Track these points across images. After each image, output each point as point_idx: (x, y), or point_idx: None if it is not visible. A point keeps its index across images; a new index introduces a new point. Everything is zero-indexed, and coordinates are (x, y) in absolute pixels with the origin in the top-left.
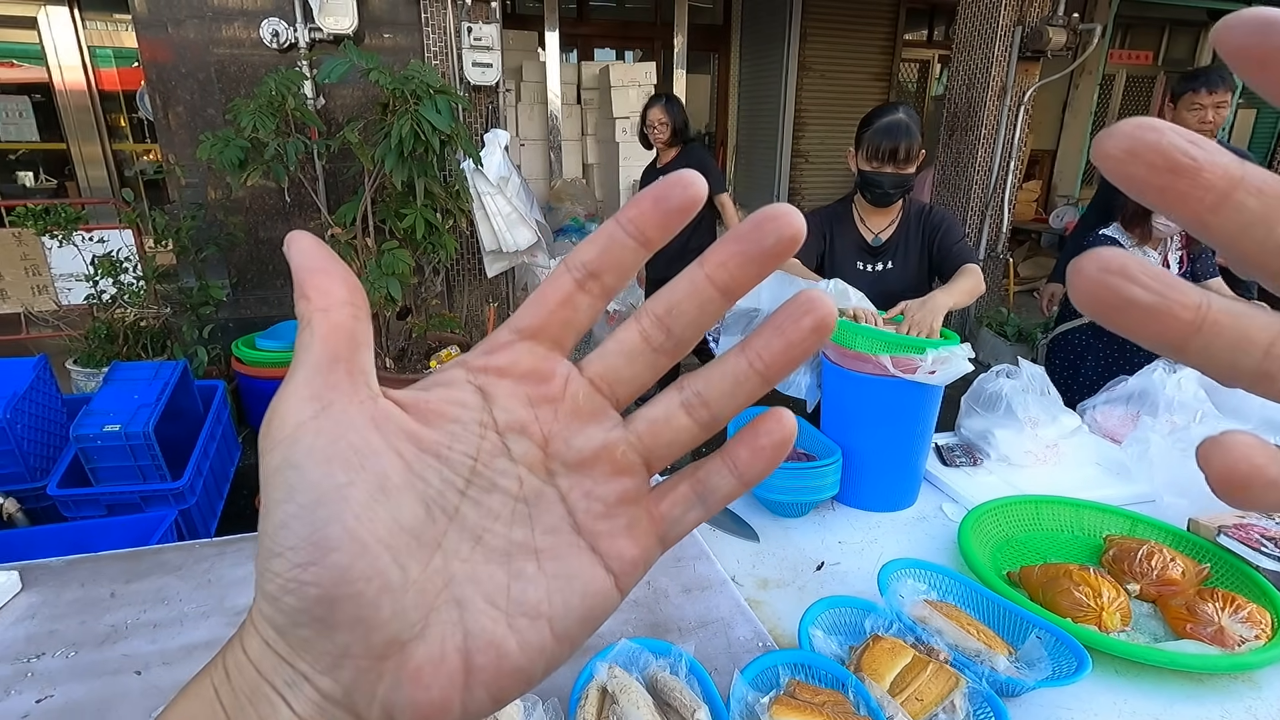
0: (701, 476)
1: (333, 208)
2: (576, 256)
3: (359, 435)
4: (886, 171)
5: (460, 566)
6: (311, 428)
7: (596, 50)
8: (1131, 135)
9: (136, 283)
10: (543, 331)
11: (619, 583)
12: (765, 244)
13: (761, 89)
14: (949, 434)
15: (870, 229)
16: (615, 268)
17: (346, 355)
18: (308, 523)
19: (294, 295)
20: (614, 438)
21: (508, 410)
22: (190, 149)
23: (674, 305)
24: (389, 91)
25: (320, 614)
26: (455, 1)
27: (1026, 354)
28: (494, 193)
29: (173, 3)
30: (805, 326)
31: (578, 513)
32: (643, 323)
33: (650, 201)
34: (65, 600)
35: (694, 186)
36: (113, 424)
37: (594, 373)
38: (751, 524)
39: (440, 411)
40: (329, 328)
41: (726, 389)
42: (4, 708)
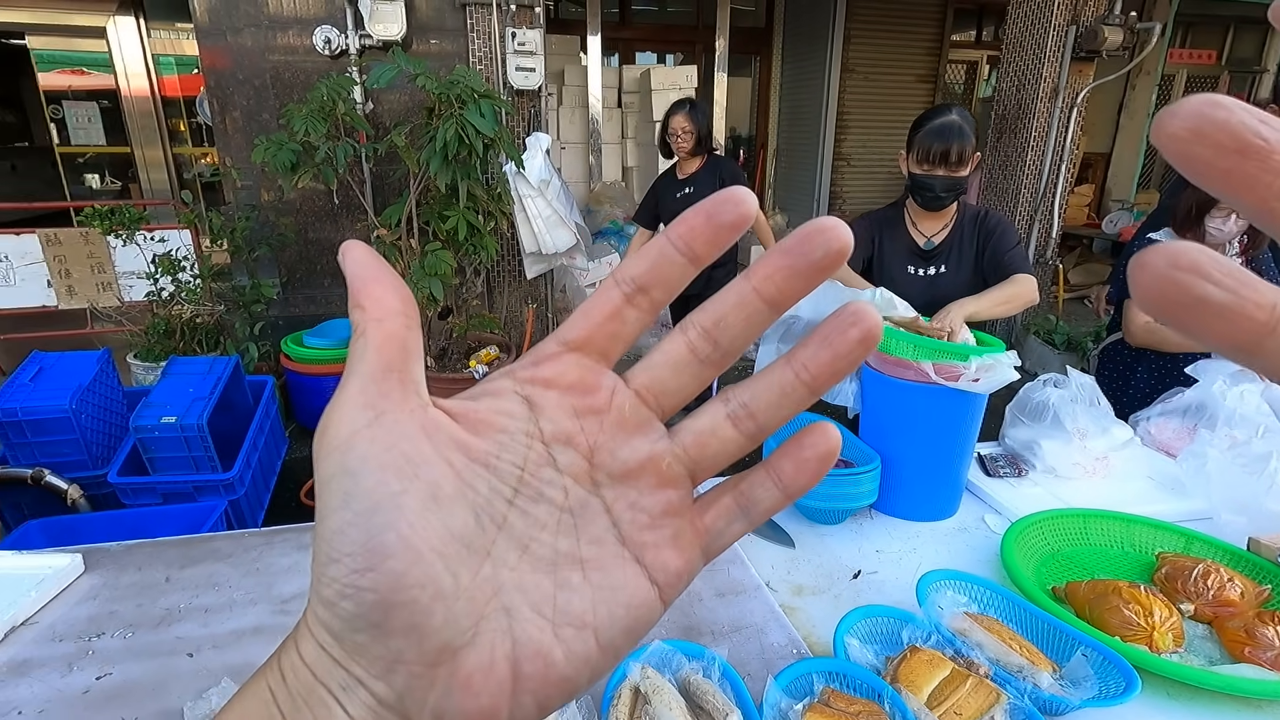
0: (745, 489)
1: (379, 209)
2: (626, 271)
3: (411, 444)
4: (938, 174)
5: (509, 575)
6: (366, 436)
7: (638, 54)
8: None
9: (193, 281)
10: (589, 344)
11: (662, 594)
12: (813, 257)
13: (803, 92)
14: (992, 444)
15: (922, 232)
16: (664, 283)
17: (399, 365)
18: (364, 529)
19: (349, 303)
20: (659, 450)
21: (554, 421)
22: (246, 152)
23: (721, 318)
24: (435, 96)
25: (376, 619)
26: (500, 7)
27: (1076, 363)
28: (535, 195)
29: (232, 12)
30: (852, 338)
31: (622, 524)
32: (689, 335)
33: (702, 218)
34: (124, 583)
35: (745, 204)
36: (169, 416)
37: (640, 384)
38: (787, 530)
39: (489, 421)
40: (383, 337)
41: (773, 400)
42: (67, 683)
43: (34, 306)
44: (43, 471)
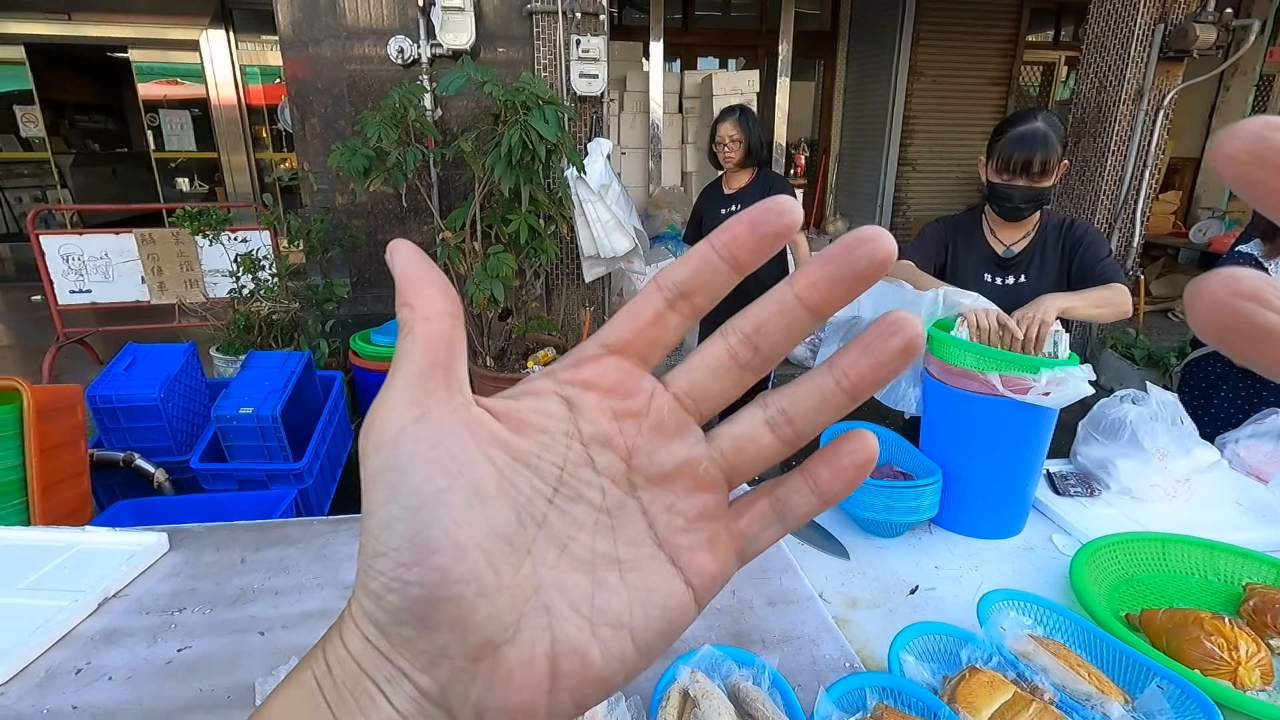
0: (781, 494)
1: (444, 213)
2: (669, 276)
3: (456, 442)
4: (1018, 185)
5: (548, 573)
6: (413, 433)
7: (700, 59)
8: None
9: (271, 279)
10: (630, 347)
11: (697, 597)
12: (857, 267)
13: (868, 95)
14: (1063, 461)
15: (1001, 240)
16: (706, 289)
17: (445, 363)
18: (411, 524)
19: (396, 301)
20: (697, 454)
21: (593, 423)
22: (322, 157)
23: (762, 324)
24: (501, 103)
25: (422, 613)
26: (566, 15)
27: (1156, 379)
28: (595, 200)
29: (314, 24)
30: (894, 347)
31: (658, 526)
32: (730, 340)
33: (746, 226)
34: (204, 562)
35: (790, 214)
36: (246, 407)
37: (679, 388)
38: (842, 541)
39: (530, 421)
40: (430, 336)
41: (812, 406)
42: (152, 653)
43: (129, 301)
44: (133, 455)
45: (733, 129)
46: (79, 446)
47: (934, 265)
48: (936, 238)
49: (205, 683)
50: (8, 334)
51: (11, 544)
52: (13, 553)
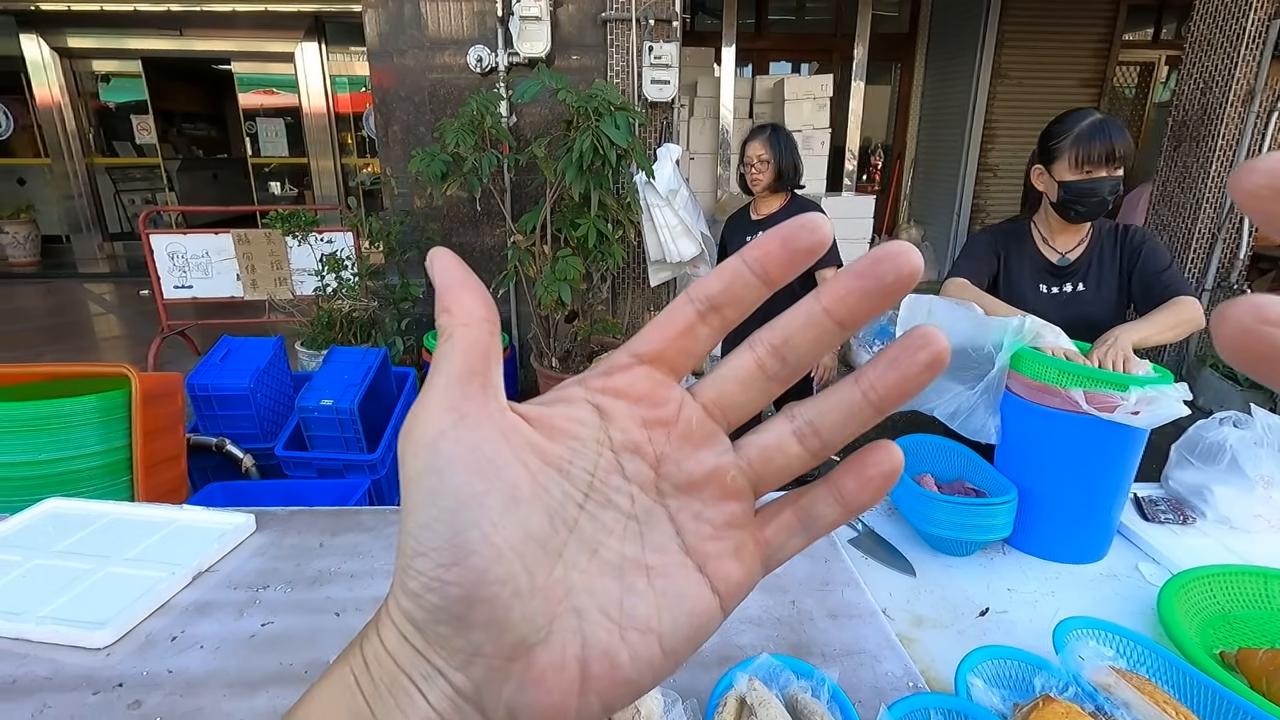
0: (805, 504)
1: (516, 216)
2: (700, 289)
3: (493, 446)
4: (1101, 177)
5: (579, 577)
6: (452, 436)
7: (772, 64)
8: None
9: (353, 279)
10: (661, 357)
11: (723, 603)
12: (885, 280)
13: (947, 99)
14: (1152, 485)
15: (1055, 248)
16: (736, 302)
17: (482, 369)
18: (450, 525)
19: (436, 307)
20: (724, 463)
21: (623, 430)
22: (403, 163)
23: (790, 335)
24: (574, 109)
25: (459, 612)
26: (639, 23)
27: (1262, 402)
28: (663, 205)
29: (399, 35)
30: (920, 361)
31: (686, 533)
32: (758, 351)
33: (778, 242)
34: (286, 544)
35: (821, 231)
36: (327, 399)
37: (708, 398)
38: (908, 557)
39: (562, 428)
40: (469, 342)
41: (840, 419)
42: (238, 626)
43: (225, 296)
44: (224, 440)
45: (761, 149)
46: (178, 430)
47: (987, 278)
48: (987, 248)
49: (285, 657)
50: (119, 324)
51: (119, 518)
52: (120, 526)
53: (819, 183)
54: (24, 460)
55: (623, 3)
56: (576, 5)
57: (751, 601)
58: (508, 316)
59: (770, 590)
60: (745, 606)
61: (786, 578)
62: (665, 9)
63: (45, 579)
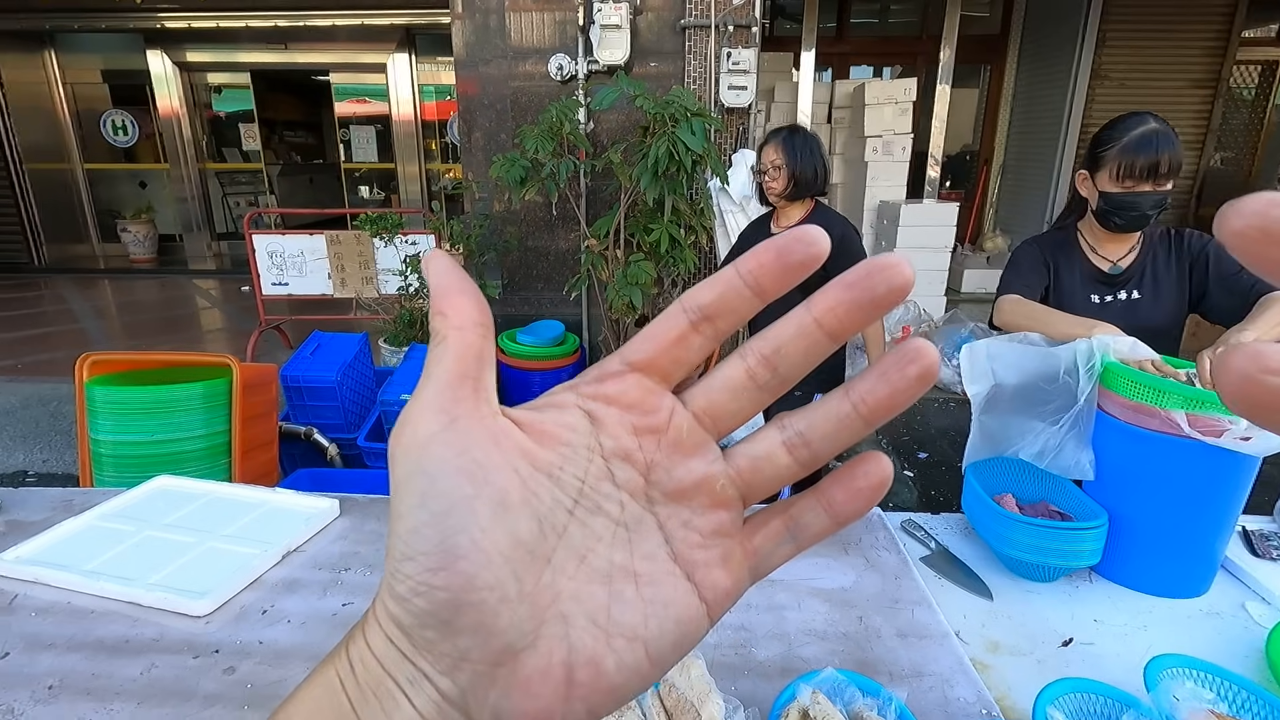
0: (794, 514)
1: (590, 221)
2: (694, 298)
3: (483, 450)
4: (1144, 191)
5: (567, 583)
6: (442, 439)
7: (853, 68)
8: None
9: None
10: (652, 365)
11: (710, 611)
12: (876, 292)
13: (1040, 102)
14: (1264, 518)
15: (1105, 256)
16: (729, 313)
17: (474, 373)
18: (439, 529)
19: (430, 310)
20: (714, 471)
21: (614, 437)
22: (484, 168)
23: (781, 346)
24: (651, 115)
25: (446, 617)
26: (718, 29)
27: None
28: (736, 211)
29: (484, 45)
30: (910, 375)
31: (674, 541)
32: (749, 360)
33: (773, 254)
34: (366, 530)
35: (818, 245)
36: (406, 394)
37: (698, 407)
38: (984, 579)
39: (553, 434)
40: (463, 346)
41: (830, 430)
42: (322, 604)
43: (316, 294)
44: (312, 429)
45: (774, 153)
46: (272, 418)
47: (1040, 291)
48: (1037, 259)
49: None
50: (222, 318)
51: (219, 497)
52: (219, 504)
53: (899, 189)
54: (138, 440)
55: (702, 10)
56: (656, 13)
57: (817, 614)
58: (579, 319)
59: (836, 604)
60: (810, 619)
61: (854, 592)
62: (745, 15)
63: (154, 549)
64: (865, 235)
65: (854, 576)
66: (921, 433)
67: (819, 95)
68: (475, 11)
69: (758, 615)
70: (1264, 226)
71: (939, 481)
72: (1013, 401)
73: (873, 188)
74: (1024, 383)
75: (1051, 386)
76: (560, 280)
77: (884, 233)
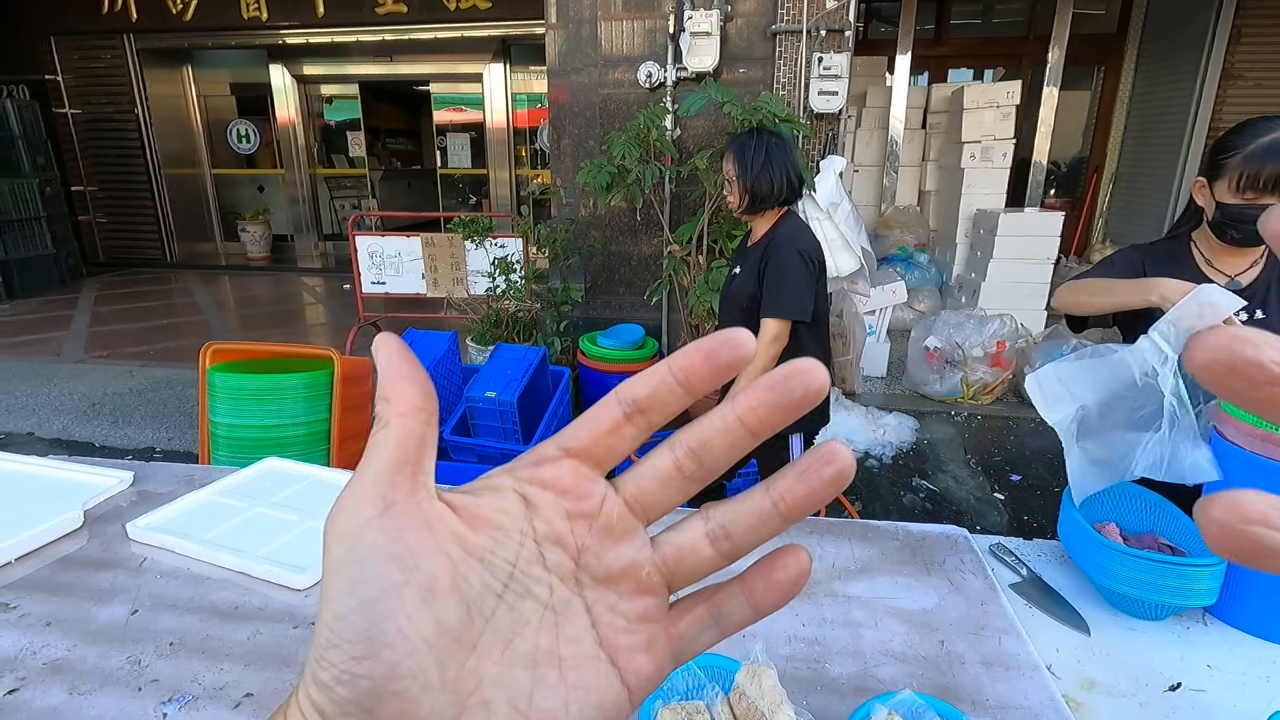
0: (718, 600)
1: (674, 226)
2: (629, 391)
3: (416, 536)
4: (1267, 204)
5: (491, 669)
6: (376, 525)
7: (951, 71)
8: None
9: (520, 281)
10: (587, 453)
11: (632, 696)
12: (793, 395)
13: (1161, 104)
14: None
15: (1223, 270)
16: (661, 408)
17: (414, 459)
18: (366, 616)
19: (376, 394)
20: (641, 558)
21: (547, 521)
22: (572, 174)
23: (707, 440)
24: (737, 121)
25: (368, 705)
26: (810, 34)
27: None
28: (822, 218)
29: (577, 54)
30: (826, 476)
31: (601, 625)
32: (677, 452)
33: (702, 356)
34: None
35: (744, 348)
36: (491, 391)
37: (629, 494)
38: (1081, 612)
39: (488, 518)
40: (404, 432)
41: (750, 525)
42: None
43: (411, 293)
44: None
45: (728, 164)
46: (367, 409)
47: None
48: (1129, 266)
49: None
50: (325, 313)
51: (320, 480)
52: (320, 487)
53: (998, 198)
54: (248, 424)
55: (794, 14)
56: (746, 19)
57: (895, 634)
58: (659, 323)
59: (917, 626)
60: (888, 639)
61: (937, 615)
62: (839, 19)
63: (262, 525)
64: (959, 245)
65: (936, 599)
66: (1015, 454)
67: (914, 100)
68: (569, 21)
69: (832, 631)
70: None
71: (1032, 506)
72: (1104, 419)
73: (968, 195)
74: (1106, 397)
75: (1134, 393)
76: (642, 285)
77: (980, 243)
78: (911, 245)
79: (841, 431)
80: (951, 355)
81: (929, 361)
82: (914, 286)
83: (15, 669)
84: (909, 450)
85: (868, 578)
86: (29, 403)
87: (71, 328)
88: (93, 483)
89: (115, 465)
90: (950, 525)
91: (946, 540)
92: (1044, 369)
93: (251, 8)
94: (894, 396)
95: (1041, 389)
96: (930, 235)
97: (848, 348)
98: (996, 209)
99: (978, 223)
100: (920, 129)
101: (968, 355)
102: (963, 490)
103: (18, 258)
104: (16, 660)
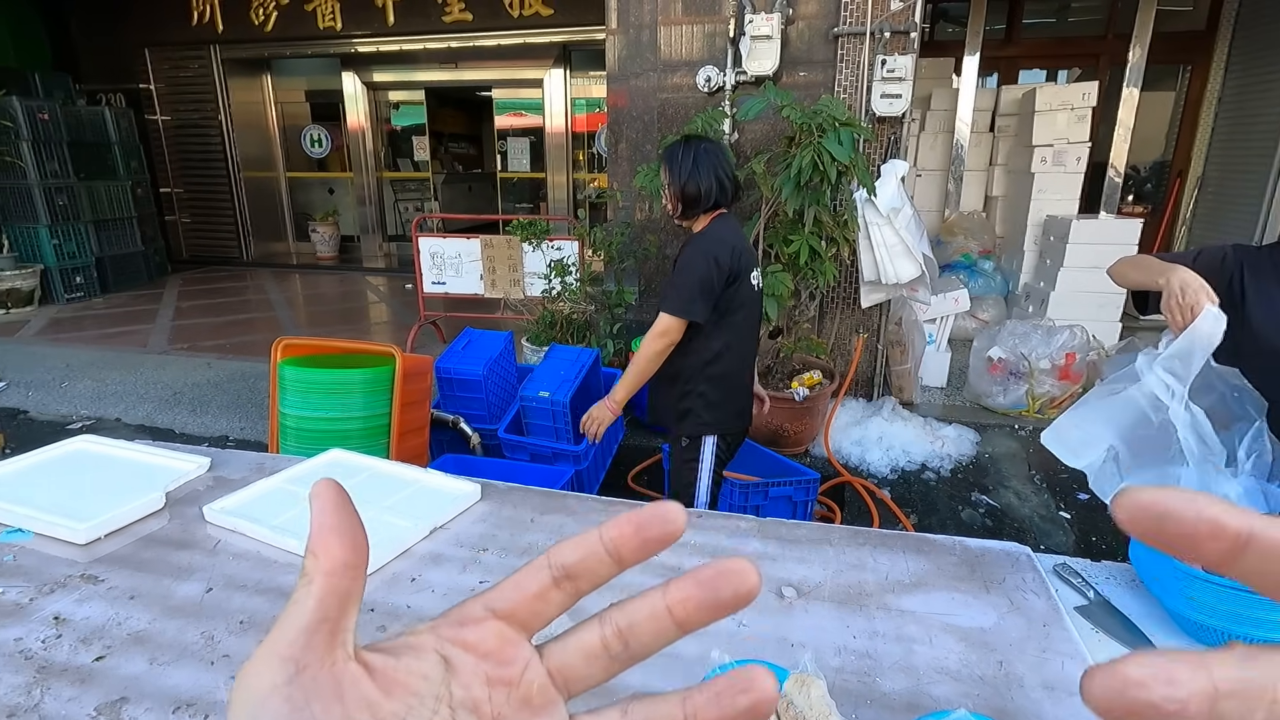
0: None
1: None
2: (559, 555)
3: (322, 705)
4: None
5: None
6: (283, 693)
7: (1022, 72)
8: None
9: (575, 283)
10: (513, 615)
11: None
12: (722, 596)
13: (1255, 106)
14: None
15: None
16: (589, 575)
17: (335, 617)
18: None
19: (306, 546)
20: None
21: (466, 686)
22: (629, 178)
23: (635, 623)
24: (797, 125)
25: None
26: (874, 36)
27: None
28: (883, 223)
29: (636, 59)
30: (740, 705)
31: None
32: (605, 630)
33: (633, 529)
34: (503, 515)
35: (674, 523)
36: (544, 391)
37: (553, 665)
38: (1153, 639)
39: (404, 682)
40: (327, 590)
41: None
42: (461, 579)
43: (469, 293)
44: (459, 419)
45: (662, 171)
46: (425, 405)
47: None
48: (1213, 263)
49: None
50: (387, 311)
51: (379, 472)
52: (379, 479)
53: (1070, 203)
54: (313, 416)
55: (857, 16)
56: (807, 22)
57: (950, 652)
58: None
59: (974, 645)
60: (943, 656)
61: (994, 635)
62: (903, 20)
63: None
64: (1027, 252)
65: (995, 618)
66: (1083, 472)
67: (981, 102)
68: (629, 26)
69: (884, 645)
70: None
71: (1100, 527)
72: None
73: (1039, 201)
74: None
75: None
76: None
77: (1050, 250)
78: (976, 252)
79: (897, 443)
80: (1016, 366)
81: (992, 372)
82: (977, 295)
83: (103, 637)
84: (969, 464)
85: (922, 592)
86: (117, 390)
87: (157, 321)
88: (174, 467)
89: (194, 451)
90: (1011, 542)
91: (1007, 557)
92: (1056, 421)
93: (327, 18)
94: (954, 408)
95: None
96: (996, 242)
97: (906, 356)
98: (1069, 215)
99: (1048, 229)
100: (988, 132)
101: (1034, 367)
102: (1025, 507)
103: (112, 255)
104: (104, 630)
